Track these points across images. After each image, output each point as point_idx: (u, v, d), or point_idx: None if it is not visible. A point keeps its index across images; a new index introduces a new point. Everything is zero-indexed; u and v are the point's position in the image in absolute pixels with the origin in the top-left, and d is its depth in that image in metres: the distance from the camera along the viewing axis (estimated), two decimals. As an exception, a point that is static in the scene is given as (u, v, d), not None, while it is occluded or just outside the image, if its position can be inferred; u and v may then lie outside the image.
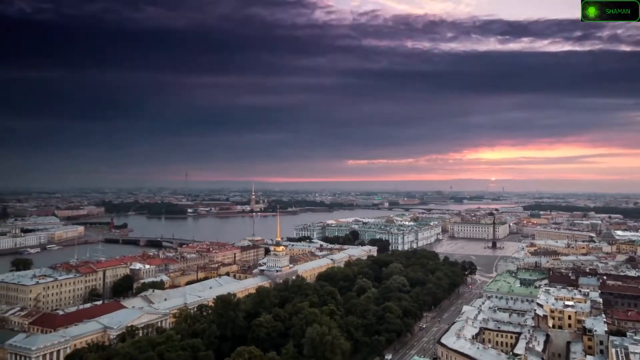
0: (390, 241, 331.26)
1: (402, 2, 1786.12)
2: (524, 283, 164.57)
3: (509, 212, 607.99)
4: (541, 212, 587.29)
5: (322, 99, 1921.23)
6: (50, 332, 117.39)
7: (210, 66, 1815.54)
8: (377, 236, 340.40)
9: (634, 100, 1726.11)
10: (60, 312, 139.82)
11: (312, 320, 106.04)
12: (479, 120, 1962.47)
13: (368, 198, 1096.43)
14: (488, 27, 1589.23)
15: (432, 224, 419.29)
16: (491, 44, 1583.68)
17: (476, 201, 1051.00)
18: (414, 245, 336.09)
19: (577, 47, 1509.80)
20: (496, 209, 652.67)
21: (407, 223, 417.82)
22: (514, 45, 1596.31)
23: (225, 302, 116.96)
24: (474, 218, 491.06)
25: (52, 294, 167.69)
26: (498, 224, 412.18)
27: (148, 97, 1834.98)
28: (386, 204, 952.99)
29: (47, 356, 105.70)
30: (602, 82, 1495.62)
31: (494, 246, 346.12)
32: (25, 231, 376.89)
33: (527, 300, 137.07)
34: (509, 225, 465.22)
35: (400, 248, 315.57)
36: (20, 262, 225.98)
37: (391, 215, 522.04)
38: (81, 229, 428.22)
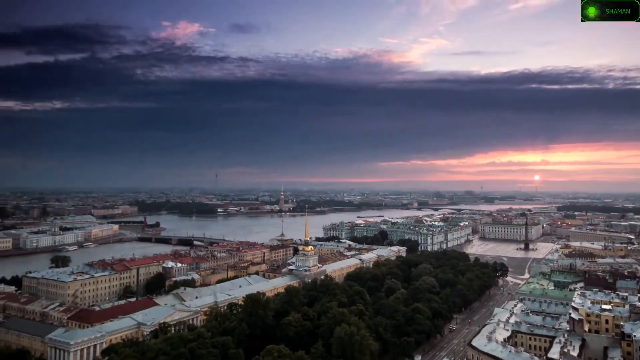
0: (419, 242, 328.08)
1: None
2: (558, 286, 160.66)
3: (542, 213, 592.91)
4: (576, 213, 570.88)
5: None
6: (87, 327, 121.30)
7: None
8: (406, 236, 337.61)
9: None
10: (97, 308, 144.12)
11: (341, 320, 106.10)
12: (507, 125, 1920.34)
13: (397, 198, 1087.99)
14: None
15: (462, 224, 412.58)
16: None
17: (508, 202, 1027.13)
18: (444, 246, 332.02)
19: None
20: (529, 210, 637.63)
21: (436, 223, 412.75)
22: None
23: (254, 301, 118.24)
24: (505, 219, 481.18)
25: (89, 291, 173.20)
26: (531, 225, 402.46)
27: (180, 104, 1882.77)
28: (415, 204, 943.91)
29: (85, 350, 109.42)
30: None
31: (526, 247, 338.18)
32: (63, 229, 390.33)
33: (562, 304, 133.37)
34: (542, 226, 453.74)
35: (429, 249, 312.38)
36: (59, 259, 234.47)
37: (420, 216, 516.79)
38: (116, 227, 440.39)
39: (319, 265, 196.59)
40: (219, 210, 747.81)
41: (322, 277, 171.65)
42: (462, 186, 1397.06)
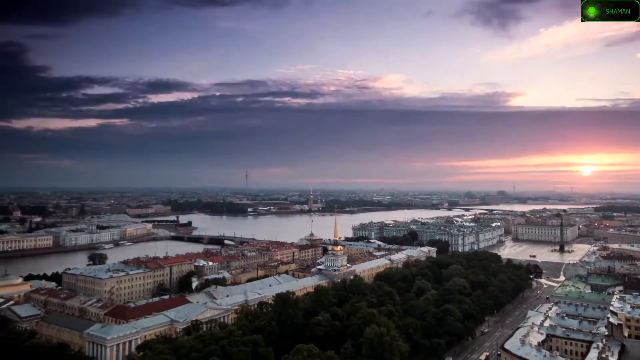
0: (450, 242, 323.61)
1: None
2: (596, 289, 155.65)
3: (578, 214, 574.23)
4: (615, 214, 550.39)
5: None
6: (123, 323, 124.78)
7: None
8: (436, 237, 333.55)
9: None
10: (132, 305, 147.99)
11: (370, 320, 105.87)
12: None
13: (427, 198, 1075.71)
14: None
15: (494, 225, 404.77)
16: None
17: (541, 202, 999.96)
18: (475, 247, 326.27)
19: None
20: (564, 210, 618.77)
21: (467, 224, 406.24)
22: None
23: (284, 300, 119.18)
24: (539, 219, 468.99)
25: (124, 288, 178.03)
26: (566, 226, 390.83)
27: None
28: (445, 204, 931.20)
29: (120, 346, 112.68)
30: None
31: (561, 249, 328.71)
32: (100, 228, 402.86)
33: (599, 308, 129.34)
34: (579, 228, 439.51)
35: (460, 249, 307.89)
36: (96, 256, 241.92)
37: (451, 216, 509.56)
38: (149, 226, 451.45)
39: (348, 265, 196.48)
40: (249, 209, 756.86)
41: (352, 277, 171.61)
42: (494, 186, 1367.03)
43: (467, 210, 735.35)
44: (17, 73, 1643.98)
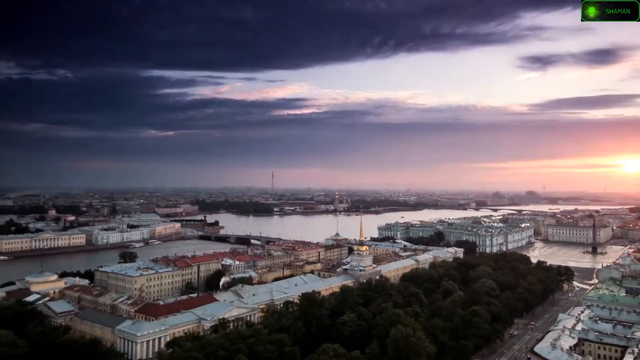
0: (477, 243, 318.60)
1: None
2: (631, 292, 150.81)
3: (612, 215, 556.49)
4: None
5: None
6: (152, 320, 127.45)
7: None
8: (463, 237, 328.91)
9: None
10: (161, 302, 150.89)
11: (396, 321, 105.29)
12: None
13: (453, 198, 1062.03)
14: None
15: (523, 225, 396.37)
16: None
17: (573, 202, 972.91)
18: (503, 248, 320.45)
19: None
20: (596, 211, 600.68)
21: (495, 224, 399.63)
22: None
23: (310, 299, 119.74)
24: (570, 220, 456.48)
25: (154, 285, 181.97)
26: (599, 227, 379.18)
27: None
28: (473, 204, 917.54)
29: (150, 342, 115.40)
30: None
31: (594, 251, 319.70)
32: (130, 227, 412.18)
33: (635, 312, 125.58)
34: (612, 229, 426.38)
35: (488, 250, 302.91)
36: (127, 255, 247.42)
37: (478, 216, 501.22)
38: (178, 225, 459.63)
39: (373, 265, 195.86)
40: (275, 209, 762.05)
41: (377, 277, 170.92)
42: (523, 186, 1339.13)
43: (495, 210, 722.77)
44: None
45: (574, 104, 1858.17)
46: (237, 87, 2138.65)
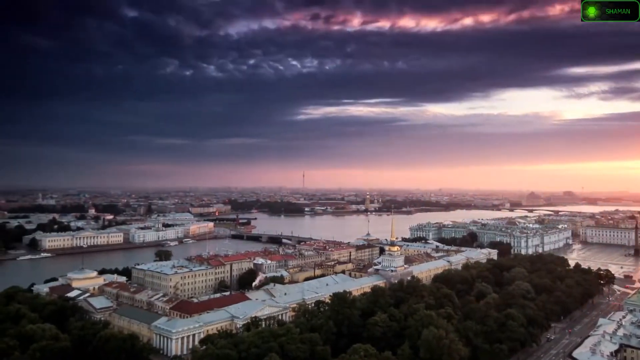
0: (512, 244, 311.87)
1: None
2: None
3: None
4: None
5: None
6: (187, 317, 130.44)
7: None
8: (497, 238, 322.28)
9: None
10: (195, 300, 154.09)
11: (428, 322, 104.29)
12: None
13: (487, 198, 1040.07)
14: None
15: (560, 227, 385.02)
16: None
17: (613, 203, 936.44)
18: (539, 250, 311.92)
19: None
20: (639, 212, 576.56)
21: (531, 225, 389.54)
22: None
23: (341, 299, 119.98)
24: (611, 222, 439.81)
25: (188, 283, 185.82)
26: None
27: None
28: (507, 205, 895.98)
29: (185, 339, 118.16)
30: None
31: (636, 254, 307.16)
32: (165, 226, 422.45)
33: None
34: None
35: (523, 252, 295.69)
36: (162, 253, 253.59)
37: (513, 217, 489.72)
38: (211, 224, 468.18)
39: (405, 266, 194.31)
40: (306, 209, 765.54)
41: (409, 278, 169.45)
42: (560, 186, 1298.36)
43: (531, 211, 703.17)
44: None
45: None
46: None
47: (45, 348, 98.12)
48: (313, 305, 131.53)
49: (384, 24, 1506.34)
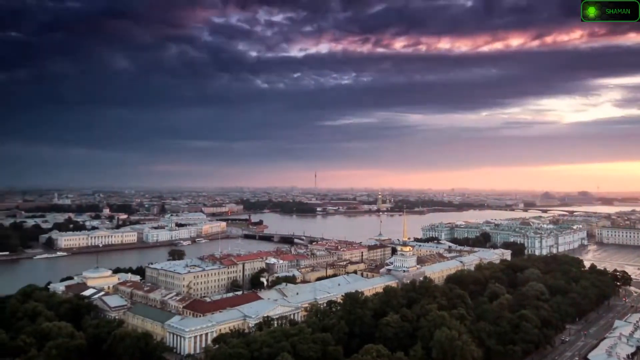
0: (525, 245, 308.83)
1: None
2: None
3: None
4: None
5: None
6: (200, 316, 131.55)
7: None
8: (511, 239, 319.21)
9: None
10: (208, 299, 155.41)
11: (441, 323, 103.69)
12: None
13: (500, 199, 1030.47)
14: None
15: (575, 227, 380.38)
16: None
17: (630, 203, 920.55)
18: (554, 251, 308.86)
19: None
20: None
21: (545, 226, 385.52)
22: None
23: (353, 299, 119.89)
24: (627, 222, 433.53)
25: (201, 282, 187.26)
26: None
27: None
28: (521, 205, 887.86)
29: (198, 338, 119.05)
30: None
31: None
32: (179, 225, 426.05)
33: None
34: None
35: (537, 253, 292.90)
36: (176, 252, 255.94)
37: (527, 217, 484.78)
38: (223, 224, 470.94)
39: (417, 266, 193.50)
40: (318, 209, 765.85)
41: (421, 278, 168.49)
42: (575, 186, 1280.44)
43: (545, 211, 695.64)
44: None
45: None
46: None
47: (61, 346, 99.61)
48: (325, 305, 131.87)
49: (422, 47, 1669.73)
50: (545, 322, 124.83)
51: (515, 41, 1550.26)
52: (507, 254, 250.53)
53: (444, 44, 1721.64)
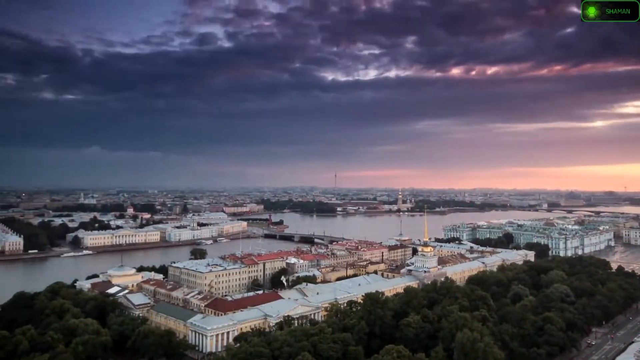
0: (550, 246, 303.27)
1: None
2: None
3: None
4: None
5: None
6: (221, 315, 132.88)
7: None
8: (535, 240, 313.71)
9: None
10: (229, 298, 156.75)
11: (463, 324, 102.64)
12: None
13: (523, 198, 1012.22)
14: None
15: (601, 228, 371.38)
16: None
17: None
18: (579, 252, 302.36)
19: None
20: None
21: (570, 226, 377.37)
22: None
23: (373, 299, 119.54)
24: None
25: (222, 282, 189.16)
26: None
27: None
28: (545, 206, 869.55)
29: (219, 336, 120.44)
30: None
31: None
32: (200, 225, 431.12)
33: None
34: None
35: (562, 254, 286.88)
36: (197, 252, 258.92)
37: (551, 218, 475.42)
38: (244, 224, 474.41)
39: (438, 267, 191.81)
40: (338, 209, 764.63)
41: (442, 279, 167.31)
42: (601, 187, 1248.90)
43: (570, 212, 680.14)
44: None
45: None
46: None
47: (87, 342, 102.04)
48: (345, 305, 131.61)
49: (473, 72, 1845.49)
50: (571, 325, 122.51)
51: (556, 68, 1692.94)
52: (531, 255, 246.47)
53: (493, 70, 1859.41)
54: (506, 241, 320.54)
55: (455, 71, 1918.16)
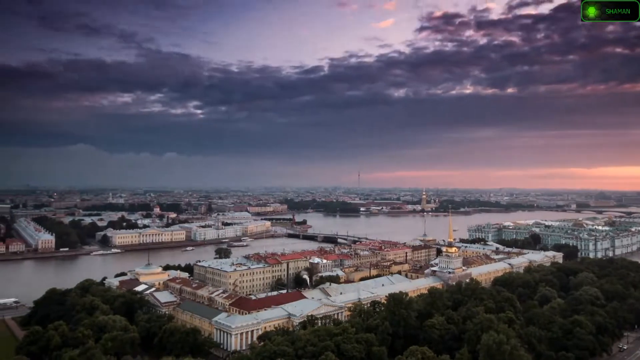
0: (579, 247, 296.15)
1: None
2: None
3: None
4: None
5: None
6: (245, 313, 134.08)
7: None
8: (563, 241, 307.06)
9: None
10: (253, 297, 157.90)
11: (488, 326, 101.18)
12: None
13: (551, 199, 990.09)
14: None
15: (633, 229, 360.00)
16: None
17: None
18: (610, 254, 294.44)
19: None
20: None
21: (600, 228, 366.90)
22: None
23: (397, 300, 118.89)
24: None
25: (246, 281, 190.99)
26: None
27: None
28: (573, 206, 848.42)
29: (244, 335, 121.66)
30: None
31: None
32: (225, 224, 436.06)
33: None
34: None
35: (591, 255, 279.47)
36: (222, 251, 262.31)
37: (580, 219, 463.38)
38: (268, 224, 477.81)
39: (463, 267, 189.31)
40: (362, 209, 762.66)
41: (467, 280, 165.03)
42: (633, 187, 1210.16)
43: (600, 212, 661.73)
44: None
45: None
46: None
47: (116, 338, 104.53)
48: (369, 305, 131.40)
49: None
50: (601, 329, 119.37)
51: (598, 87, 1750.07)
52: (559, 257, 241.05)
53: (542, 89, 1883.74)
54: (533, 242, 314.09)
55: (510, 90, 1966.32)
